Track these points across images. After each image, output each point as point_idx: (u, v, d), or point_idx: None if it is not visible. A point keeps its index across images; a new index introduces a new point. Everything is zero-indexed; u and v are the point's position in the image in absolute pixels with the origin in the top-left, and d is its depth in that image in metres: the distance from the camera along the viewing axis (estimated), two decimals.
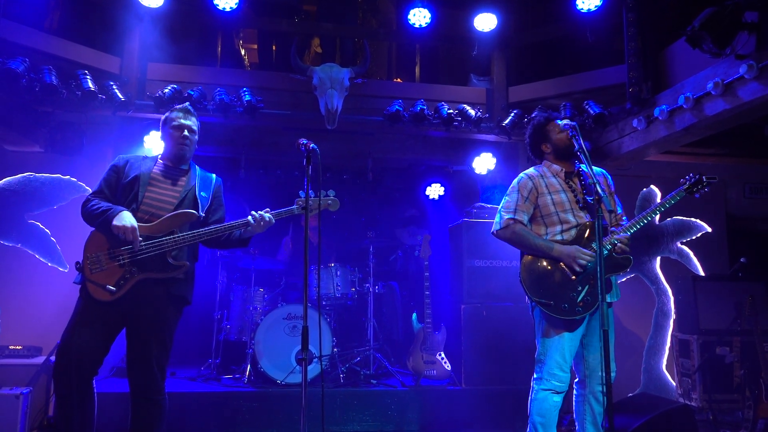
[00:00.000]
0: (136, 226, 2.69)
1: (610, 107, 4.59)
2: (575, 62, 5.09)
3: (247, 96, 4.59)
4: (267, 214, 2.92)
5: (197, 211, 2.89)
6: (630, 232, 2.85)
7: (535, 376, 2.96)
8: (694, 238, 5.45)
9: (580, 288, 2.81)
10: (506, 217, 3.00)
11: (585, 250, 2.80)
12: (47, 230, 4.59)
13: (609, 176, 3.16)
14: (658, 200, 5.47)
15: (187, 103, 3.16)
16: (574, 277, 2.81)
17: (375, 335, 5.05)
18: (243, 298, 5.14)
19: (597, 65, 4.84)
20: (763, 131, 4.59)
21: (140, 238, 2.70)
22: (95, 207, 2.77)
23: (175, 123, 3.01)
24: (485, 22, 5.05)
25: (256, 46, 8.28)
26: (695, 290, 5.10)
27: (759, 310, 4.47)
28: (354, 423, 4.29)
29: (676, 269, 5.45)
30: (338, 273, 5.01)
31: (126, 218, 2.68)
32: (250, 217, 2.90)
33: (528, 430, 2.96)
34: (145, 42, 4.80)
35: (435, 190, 6.24)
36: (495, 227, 3.07)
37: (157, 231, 2.77)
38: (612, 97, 4.68)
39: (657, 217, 5.49)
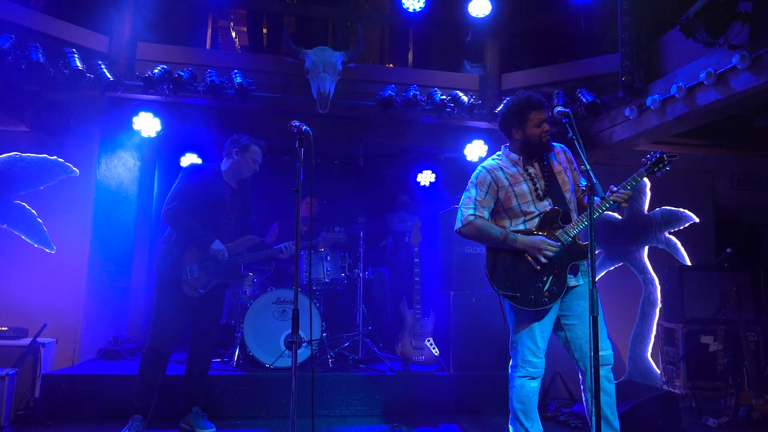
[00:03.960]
0: (227, 255, 3.66)
1: (602, 96, 4.58)
2: (569, 50, 5.08)
3: (238, 78, 4.54)
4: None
5: (255, 232, 3.95)
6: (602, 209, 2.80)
7: (511, 363, 3.00)
8: (681, 228, 5.50)
9: (545, 278, 2.79)
10: (466, 214, 2.92)
11: (550, 242, 2.76)
12: (34, 211, 4.53)
13: (568, 151, 3.06)
14: (648, 190, 5.51)
15: (264, 142, 3.87)
16: (539, 267, 2.78)
17: (364, 320, 5.06)
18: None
19: (590, 54, 4.83)
20: (753, 123, 4.61)
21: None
22: (194, 229, 3.60)
23: (255, 157, 3.80)
24: (479, 8, 5.02)
25: (246, 29, 8.19)
26: (682, 280, 5.15)
27: (743, 300, 4.53)
28: (342, 407, 4.31)
29: (664, 259, 5.50)
30: (328, 258, 5.00)
31: (221, 249, 3.63)
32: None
33: (510, 418, 2.98)
34: (134, 21, 4.72)
35: (426, 177, 6.23)
36: (457, 225, 2.99)
37: (234, 250, 3.74)
38: (605, 86, 4.67)
39: (646, 207, 5.52)
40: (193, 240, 3.62)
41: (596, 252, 2.91)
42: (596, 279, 2.95)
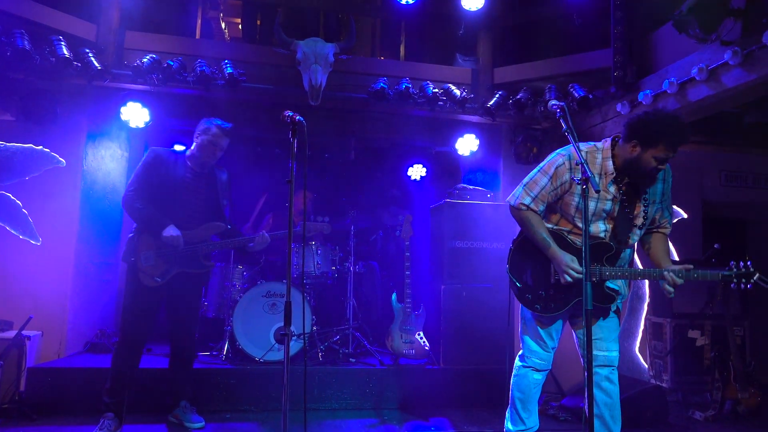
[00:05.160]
0: (182, 241, 3.44)
1: (594, 91, 4.59)
2: (561, 45, 5.08)
3: (229, 68, 4.48)
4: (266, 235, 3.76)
5: (222, 219, 3.68)
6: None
7: (519, 352, 2.97)
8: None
9: (552, 292, 2.72)
10: (523, 200, 2.74)
11: (576, 267, 2.60)
12: (19, 202, 4.45)
13: (662, 184, 2.72)
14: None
15: (230, 125, 3.69)
16: (553, 281, 2.72)
17: (354, 314, 5.04)
18: (221, 275, 5.07)
19: (583, 48, 4.83)
20: (742, 119, 4.64)
21: (187, 243, 3.48)
22: (147, 213, 3.45)
23: (215, 140, 3.60)
24: (472, 1, 4.99)
25: (238, 20, 8.10)
26: None
27: (730, 296, 4.57)
28: (332, 401, 4.30)
29: None
30: (319, 251, 4.97)
31: (175, 235, 3.42)
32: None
33: (509, 405, 2.98)
34: (122, 9, 4.64)
35: (417, 171, 6.22)
36: (511, 200, 2.81)
37: (194, 237, 3.55)
38: (597, 81, 4.68)
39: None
40: (146, 225, 3.47)
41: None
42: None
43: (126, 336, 3.49)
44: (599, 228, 2.66)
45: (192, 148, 3.68)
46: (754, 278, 2.52)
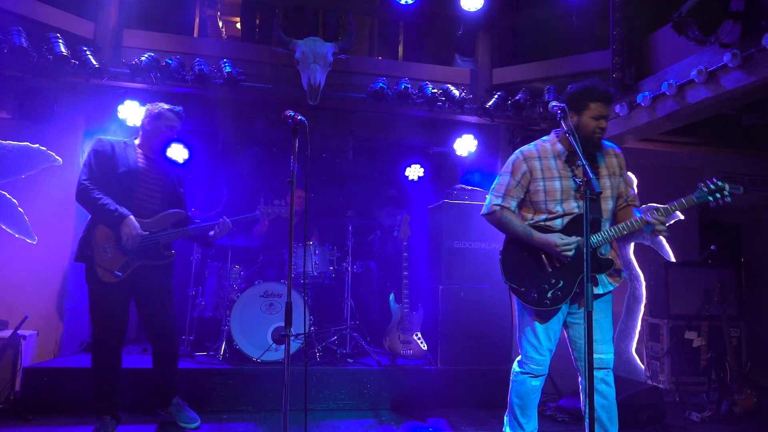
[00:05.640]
0: (140, 231, 3.26)
1: None
2: (560, 46, 5.09)
3: (227, 67, 4.47)
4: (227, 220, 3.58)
5: (181, 207, 3.51)
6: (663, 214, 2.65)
7: (518, 358, 2.95)
8: (667, 225, 5.54)
9: (553, 281, 2.74)
10: (494, 202, 2.88)
11: (567, 239, 2.67)
12: (15, 200, 4.42)
13: (621, 155, 2.90)
14: (635, 187, 5.53)
15: (180, 108, 3.56)
16: (550, 269, 2.74)
17: (352, 314, 5.03)
18: (218, 274, 5.05)
19: (582, 50, 4.85)
20: (739, 121, 4.66)
21: (145, 233, 3.30)
22: (103, 203, 3.22)
23: (170, 124, 3.47)
24: (471, 1, 4.99)
25: (235, 19, 8.08)
26: (667, 276, 5.21)
27: (727, 297, 4.59)
28: (329, 401, 4.28)
29: (649, 255, 5.56)
30: (317, 251, 4.96)
31: (133, 226, 3.24)
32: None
33: (507, 411, 2.97)
34: (120, 7, 4.62)
35: (414, 171, 6.20)
36: (483, 210, 2.96)
37: (154, 226, 3.37)
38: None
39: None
40: (102, 217, 3.24)
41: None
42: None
43: (98, 338, 3.34)
44: (572, 205, 2.76)
45: (141, 135, 3.50)
46: (726, 190, 2.65)
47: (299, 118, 2.57)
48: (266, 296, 4.56)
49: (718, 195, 2.66)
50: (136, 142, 3.49)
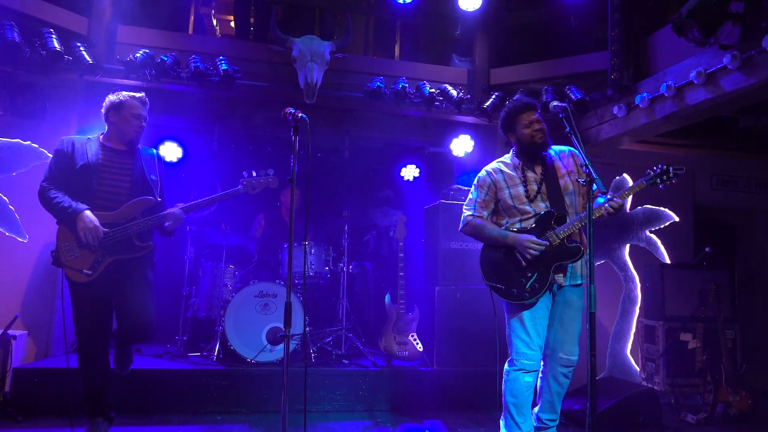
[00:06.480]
0: (97, 224, 3.04)
1: (591, 93, 4.59)
2: (558, 47, 5.08)
3: (223, 65, 4.42)
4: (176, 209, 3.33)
5: (152, 195, 3.25)
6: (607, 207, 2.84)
7: (509, 358, 3.03)
8: (662, 226, 5.56)
9: (529, 275, 2.91)
10: (466, 214, 3.14)
11: (538, 240, 2.87)
12: (5, 198, 4.35)
13: (578, 154, 3.00)
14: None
15: (143, 94, 3.35)
16: (524, 264, 2.90)
17: (347, 315, 5.00)
18: (212, 274, 4.99)
19: (580, 50, 4.84)
20: (736, 123, 4.67)
21: (106, 229, 3.07)
22: (57, 201, 3.05)
23: (135, 112, 3.26)
24: (469, 1, 4.97)
25: (229, 18, 8.02)
26: (662, 278, 5.21)
27: (722, 298, 4.59)
28: (325, 402, 4.25)
29: (644, 257, 5.56)
30: (312, 251, 4.92)
31: (87, 220, 3.02)
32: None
33: (503, 413, 2.97)
34: (115, 3, 4.56)
35: (410, 172, 6.18)
36: (460, 226, 3.19)
37: (120, 218, 3.14)
38: (594, 83, 4.69)
39: (628, 205, 5.58)
40: (60, 215, 3.08)
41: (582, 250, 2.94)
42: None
43: (80, 339, 3.21)
44: (540, 206, 2.99)
45: (107, 127, 3.31)
46: (671, 172, 2.87)
47: (300, 115, 2.54)
48: (261, 296, 4.51)
49: (664, 177, 2.88)
50: (102, 136, 3.31)
